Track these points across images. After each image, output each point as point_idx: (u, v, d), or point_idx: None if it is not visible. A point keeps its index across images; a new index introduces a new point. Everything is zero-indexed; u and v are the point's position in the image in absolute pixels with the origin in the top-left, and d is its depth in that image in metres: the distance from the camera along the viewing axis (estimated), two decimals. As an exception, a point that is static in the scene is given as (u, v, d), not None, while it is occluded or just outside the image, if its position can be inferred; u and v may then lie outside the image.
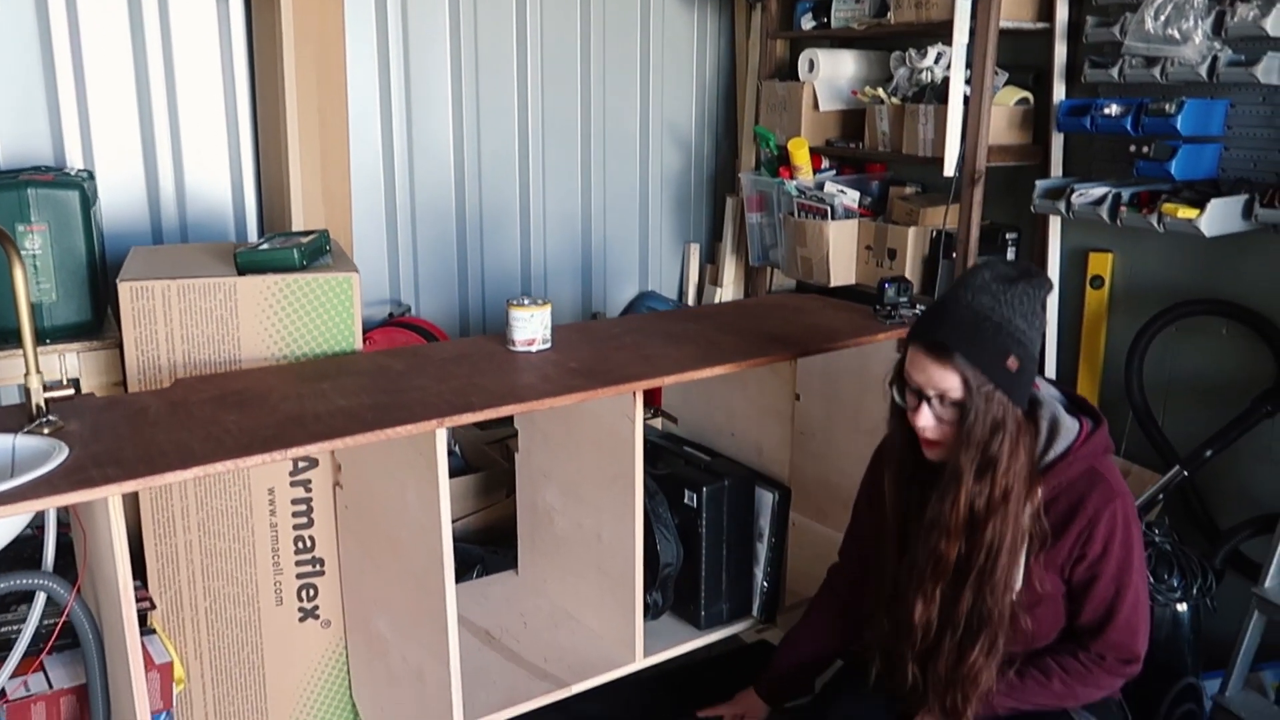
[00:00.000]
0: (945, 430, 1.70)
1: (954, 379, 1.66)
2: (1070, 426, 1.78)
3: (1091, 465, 1.76)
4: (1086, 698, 1.84)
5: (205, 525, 2.17)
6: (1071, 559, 1.76)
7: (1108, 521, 1.74)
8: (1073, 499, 1.75)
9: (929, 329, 1.71)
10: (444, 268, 3.61)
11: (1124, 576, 1.76)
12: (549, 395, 1.88)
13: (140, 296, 2.04)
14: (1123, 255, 2.80)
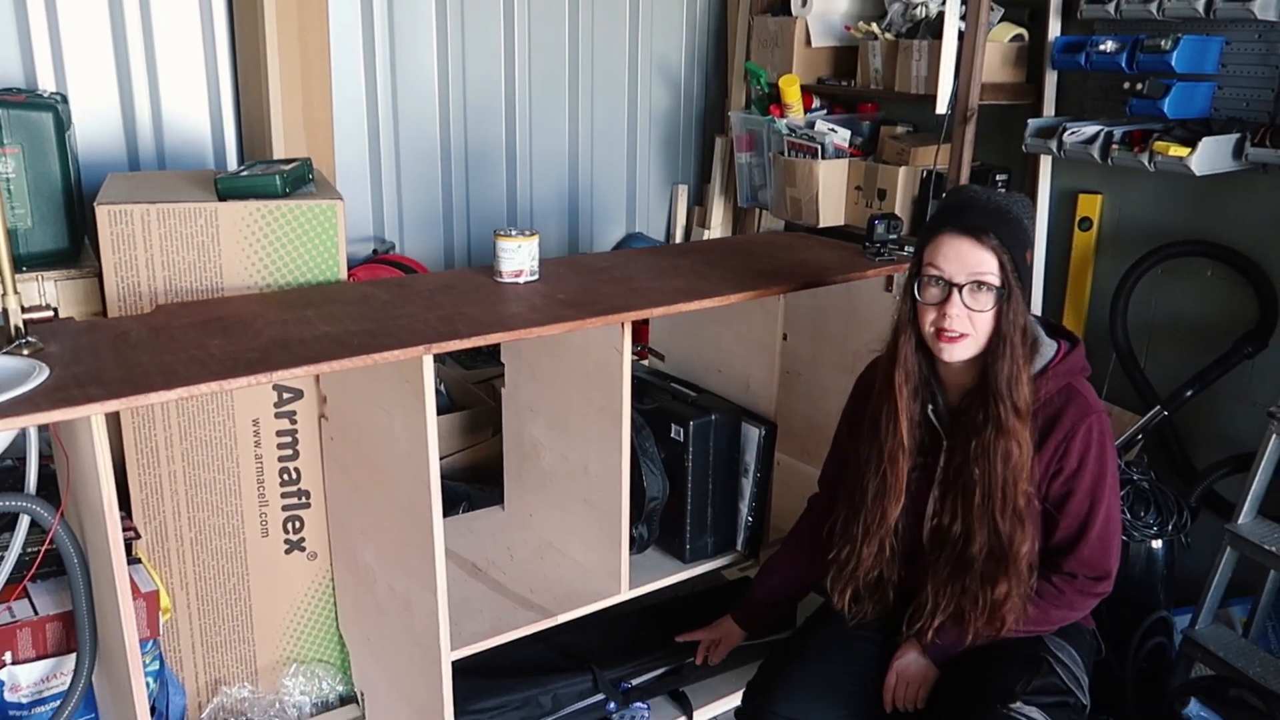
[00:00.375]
0: (973, 321, 1.71)
1: (993, 261, 1.68)
2: (1049, 344, 1.83)
3: (1069, 382, 1.80)
4: (1060, 620, 1.86)
5: (189, 456, 2.16)
6: (1048, 474, 1.79)
7: (1084, 436, 1.76)
8: (1050, 414, 1.78)
9: (961, 216, 1.73)
10: (429, 206, 3.56)
11: (1098, 492, 1.78)
12: (537, 324, 1.86)
13: (119, 221, 2.01)
14: (1112, 197, 2.80)
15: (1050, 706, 1.76)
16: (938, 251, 1.73)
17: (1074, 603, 1.85)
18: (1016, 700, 1.74)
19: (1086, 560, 1.82)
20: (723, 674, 2.50)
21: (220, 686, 2.33)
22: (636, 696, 2.38)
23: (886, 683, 1.92)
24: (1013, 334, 1.71)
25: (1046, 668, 1.81)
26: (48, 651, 1.96)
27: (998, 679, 1.80)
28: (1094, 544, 1.81)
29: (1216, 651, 2.28)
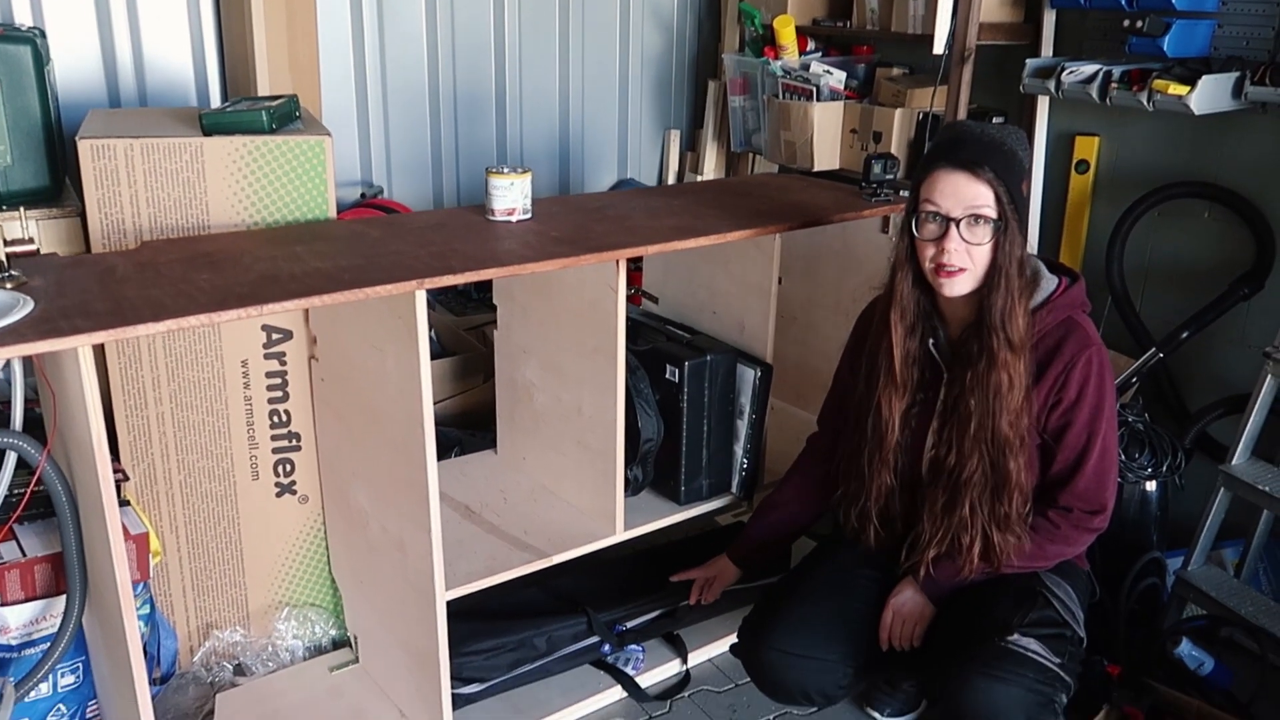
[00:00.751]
0: (971, 255, 1.71)
1: (988, 194, 1.69)
2: (1050, 279, 1.84)
3: (1069, 315, 1.81)
4: (1057, 556, 1.88)
5: (177, 398, 2.13)
6: (1047, 405, 1.79)
7: (1083, 368, 1.77)
8: (1050, 346, 1.79)
9: (956, 150, 1.72)
10: (417, 150, 3.51)
11: (1095, 424, 1.79)
12: (531, 261, 1.83)
13: (101, 155, 1.96)
14: (1109, 139, 2.77)
15: (1047, 638, 1.77)
16: (934, 187, 1.73)
17: (1070, 537, 1.86)
18: (1014, 632, 1.75)
19: (1082, 493, 1.83)
20: (717, 616, 2.51)
21: (212, 630, 2.31)
22: (631, 639, 2.38)
23: (883, 620, 1.92)
24: (1009, 266, 1.72)
25: (1043, 601, 1.82)
26: (37, 593, 1.93)
27: (994, 613, 1.81)
28: (1090, 477, 1.81)
29: (1209, 592, 2.29)
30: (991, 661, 1.74)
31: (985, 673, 1.73)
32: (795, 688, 1.95)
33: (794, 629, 1.92)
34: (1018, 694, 1.72)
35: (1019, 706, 1.73)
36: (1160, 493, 2.42)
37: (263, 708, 2.17)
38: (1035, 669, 1.73)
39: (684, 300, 2.48)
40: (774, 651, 1.92)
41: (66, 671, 2.01)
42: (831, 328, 2.70)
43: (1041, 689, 1.74)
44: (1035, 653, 1.74)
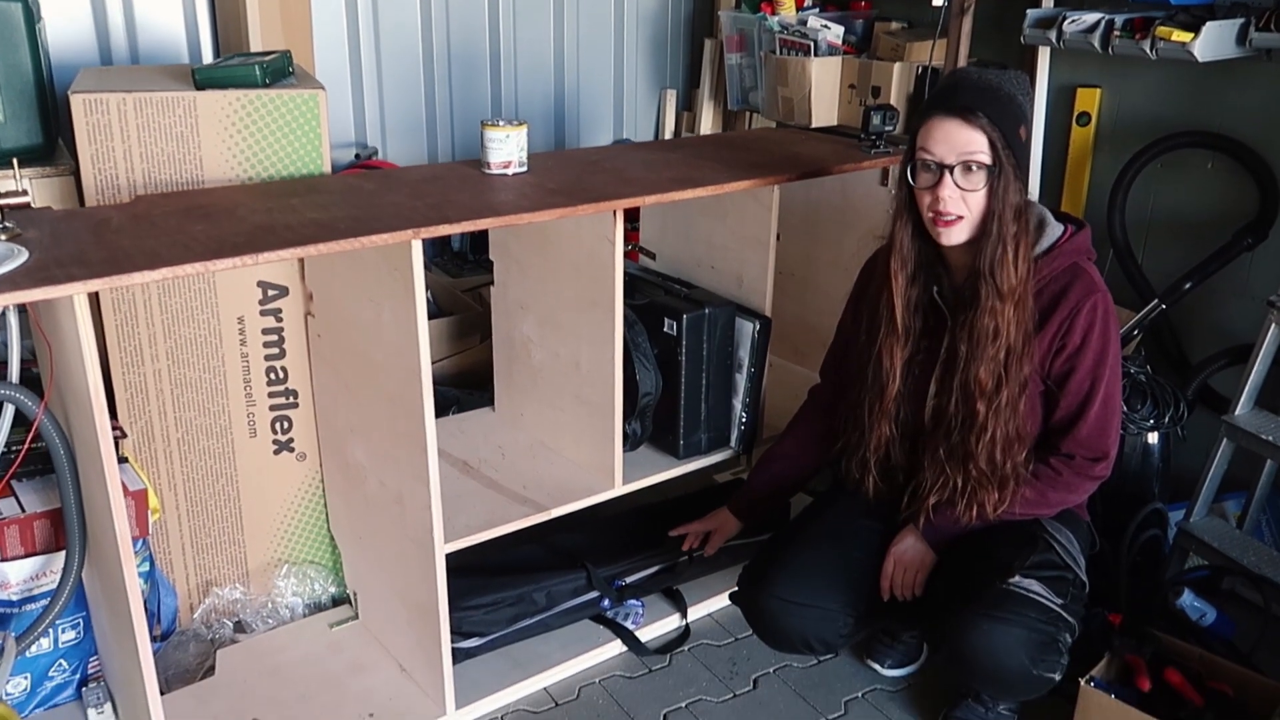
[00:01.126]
0: (967, 202, 1.71)
1: (982, 140, 1.68)
2: (1055, 226, 1.83)
3: (1075, 262, 1.79)
4: (1059, 503, 1.88)
5: (174, 354, 2.12)
6: (1051, 351, 1.79)
7: (1088, 314, 1.76)
8: (1055, 291, 1.78)
9: (950, 97, 1.72)
10: (412, 110, 3.48)
11: (1099, 370, 1.78)
12: (527, 211, 1.82)
13: (94, 110, 1.94)
14: (1111, 91, 2.74)
15: (1048, 579, 1.78)
16: (929, 135, 1.73)
17: (1071, 484, 1.86)
18: (1015, 574, 1.75)
19: (1084, 440, 1.82)
20: (716, 572, 2.51)
21: (212, 588, 2.32)
22: (630, 594, 2.38)
23: (884, 568, 1.93)
24: (1004, 211, 1.71)
25: (1043, 545, 1.83)
26: (36, 549, 1.94)
27: (995, 558, 1.81)
28: (1093, 424, 1.81)
29: (1211, 543, 2.29)
30: (993, 603, 1.74)
31: (987, 614, 1.73)
32: (795, 636, 1.95)
33: (794, 577, 1.92)
34: (1020, 634, 1.73)
35: (1021, 646, 1.73)
36: (1162, 444, 2.41)
37: (263, 663, 2.18)
38: (1037, 609, 1.74)
39: (681, 256, 2.47)
40: (774, 600, 1.92)
41: (67, 627, 2.02)
42: (831, 283, 2.68)
43: (1044, 628, 1.74)
44: (1037, 593, 1.74)
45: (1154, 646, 1.99)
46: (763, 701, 2.15)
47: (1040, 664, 1.75)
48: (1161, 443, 2.41)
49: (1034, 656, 1.74)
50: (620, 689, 2.18)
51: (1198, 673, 1.94)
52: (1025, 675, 1.76)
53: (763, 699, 2.15)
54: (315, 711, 2.04)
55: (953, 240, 1.76)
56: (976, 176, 1.70)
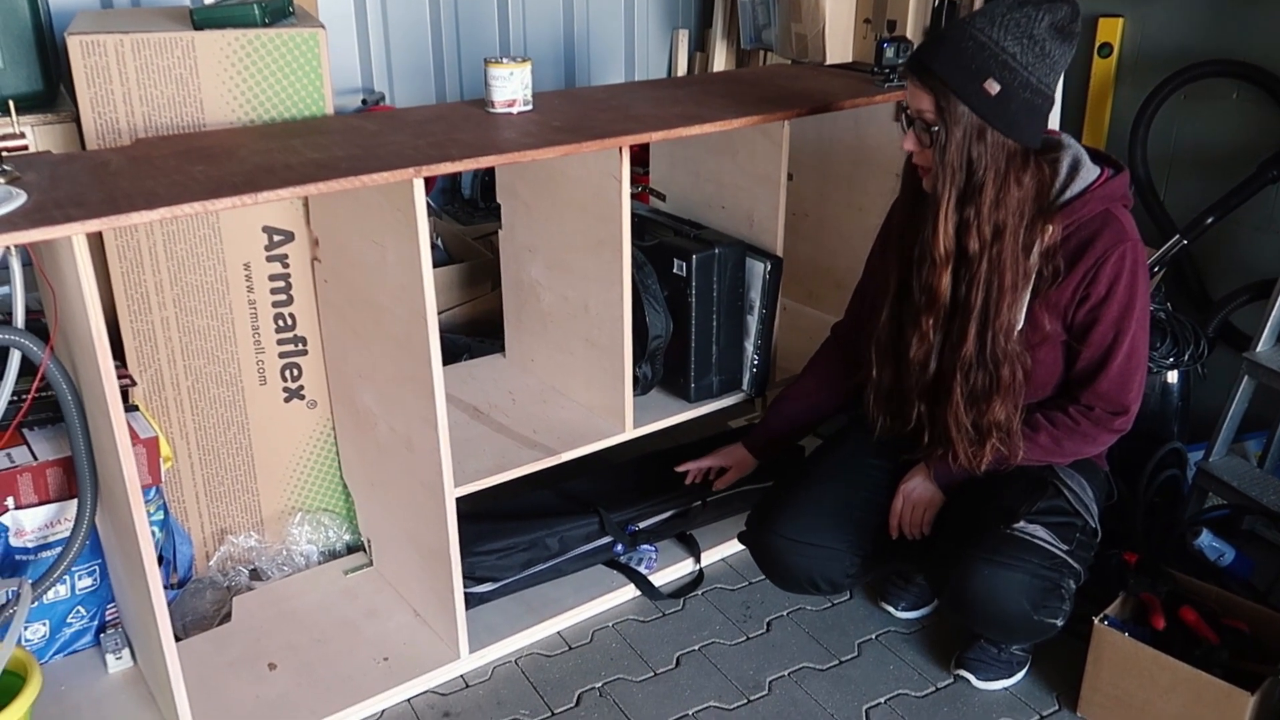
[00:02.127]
0: (927, 155, 1.69)
1: (927, 99, 1.65)
2: (1091, 169, 1.76)
3: (1107, 208, 1.73)
4: (1074, 453, 1.84)
5: (181, 302, 2.11)
6: (1075, 300, 1.74)
7: (1115, 263, 1.71)
8: (1083, 237, 1.73)
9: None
10: (419, 56, 3.43)
11: (1124, 323, 1.74)
12: (531, 148, 1.78)
13: (92, 52, 1.91)
14: (1133, 20, 2.66)
15: (1055, 525, 1.75)
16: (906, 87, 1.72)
17: (1089, 435, 1.82)
18: (1020, 519, 1.73)
19: (1104, 394, 1.78)
20: (730, 517, 2.50)
21: (226, 536, 2.33)
22: (644, 539, 2.38)
23: (893, 506, 1.91)
24: (942, 171, 1.65)
25: (1053, 490, 1.79)
26: (50, 497, 1.94)
27: (1001, 502, 1.79)
28: (1114, 377, 1.76)
29: (1231, 482, 2.26)
30: (996, 548, 1.72)
31: (988, 559, 1.72)
32: (801, 575, 1.95)
33: (799, 516, 1.91)
34: (1021, 579, 1.71)
35: (1021, 591, 1.72)
36: (1182, 383, 2.37)
37: (278, 609, 2.19)
38: (1040, 554, 1.71)
39: (691, 196, 2.43)
40: (780, 539, 1.91)
41: (84, 574, 2.03)
42: (845, 222, 2.64)
43: (1046, 574, 1.72)
44: (1041, 539, 1.72)
45: (1169, 585, 1.96)
46: (776, 644, 2.14)
47: (1042, 609, 1.74)
48: (1181, 381, 2.37)
49: (1035, 602, 1.73)
50: (633, 632, 2.18)
51: (1213, 611, 1.92)
52: (1026, 620, 1.75)
53: (776, 641, 2.15)
54: (330, 656, 2.06)
55: (928, 188, 1.73)
56: (925, 135, 1.68)
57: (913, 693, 2.01)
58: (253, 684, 1.98)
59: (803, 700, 1.99)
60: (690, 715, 1.96)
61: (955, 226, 1.68)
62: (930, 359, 1.80)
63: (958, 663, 2.05)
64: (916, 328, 1.78)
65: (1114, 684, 1.85)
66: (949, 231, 1.68)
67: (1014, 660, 2.02)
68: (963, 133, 1.62)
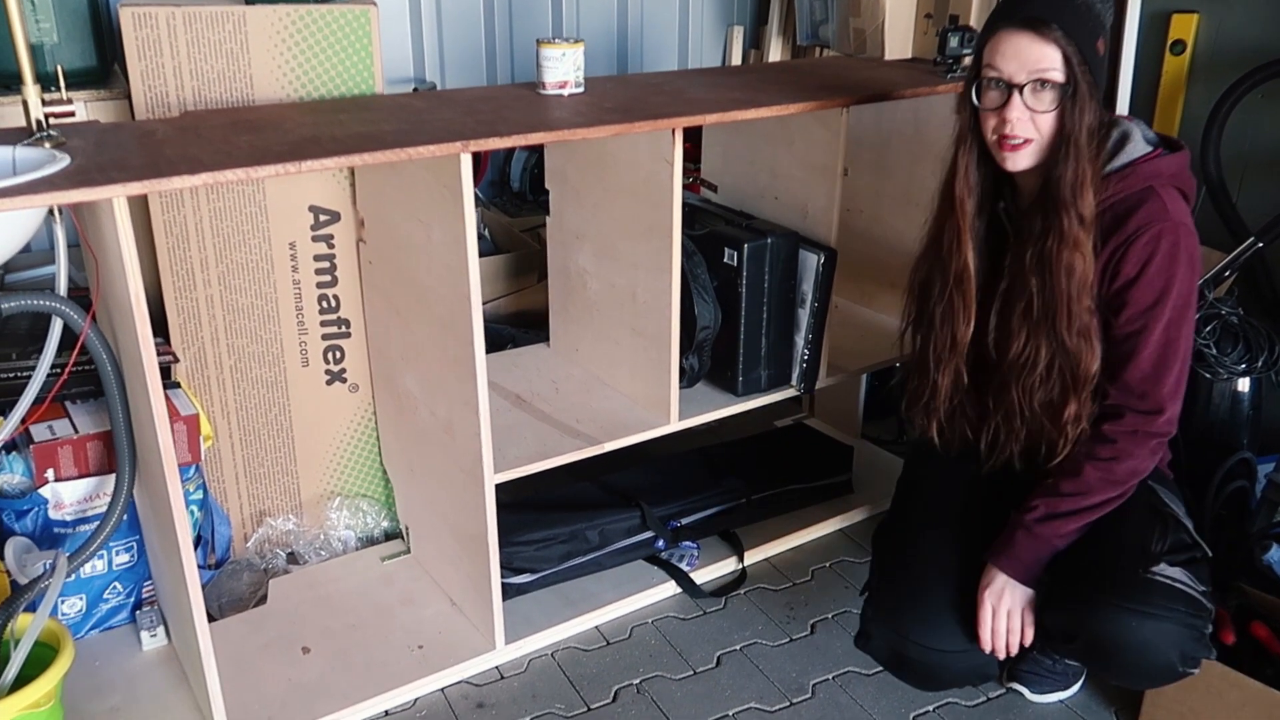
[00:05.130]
0: (1037, 124, 1.57)
1: (1055, 55, 1.53)
2: (1141, 145, 1.64)
3: (1152, 185, 1.61)
4: (1128, 476, 1.68)
5: (225, 280, 2.09)
6: (1103, 279, 1.62)
7: (1147, 243, 1.58)
8: (1118, 214, 1.61)
9: (1019, 6, 1.56)
10: (471, 47, 3.40)
11: (1157, 309, 1.59)
12: (581, 127, 1.74)
13: (144, 25, 1.90)
14: (1209, 15, 2.56)
15: (1187, 564, 1.60)
16: (996, 50, 1.57)
17: (1132, 451, 1.66)
18: (1159, 561, 1.58)
19: (1133, 387, 1.63)
20: (775, 517, 2.45)
21: (265, 518, 2.31)
22: (686, 536, 2.32)
23: (980, 619, 1.72)
24: (1078, 133, 1.55)
25: (1173, 523, 1.65)
26: (89, 470, 1.93)
27: (1123, 538, 1.63)
28: (1144, 367, 1.62)
29: (1302, 494, 2.15)
30: (1139, 596, 1.56)
31: (1134, 609, 1.56)
32: (950, 680, 1.82)
33: (936, 620, 1.74)
34: (1171, 629, 1.56)
35: (1172, 643, 1.56)
36: (1254, 391, 2.27)
37: (314, 593, 2.16)
38: (1186, 601, 1.56)
39: (744, 186, 2.37)
40: (919, 648, 1.73)
41: (121, 550, 2.02)
42: (901, 219, 2.57)
43: (1193, 622, 1.57)
44: (1183, 583, 1.57)
45: (1239, 599, 1.87)
46: (819, 647, 2.08)
47: (1187, 660, 1.59)
48: (1253, 389, 2.26)
49: (1184, 653, 1.58)
50: (673, 630, 2.13)
51: (1287, 628, 1.82)
52: (1171, 672, 1.61)
53: (820, 644, 2.08)
54: (365, 641, 2.02)
55: (1019, 165, 1.61)
56: (1048, 96, 1.55)
57: (963, 702, 1.93)
58: (286, 667, 1.95)
59: (847, 705, 1.92)
60: (730, 716, 1.90)
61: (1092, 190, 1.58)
62: (1010, 350, 1.69)
63: (1010, 674, 1.96)
64: (1019, 323, 1.67)
65: (1179, 700, 1.76)
66: (1088, 197, 1.57)
67: (1069, 672, 1.93)
68: (1088, 91, 1.54)
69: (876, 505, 2.50)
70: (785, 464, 2.50)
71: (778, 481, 2.45)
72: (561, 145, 2.19)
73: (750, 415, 2.28)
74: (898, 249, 2.61)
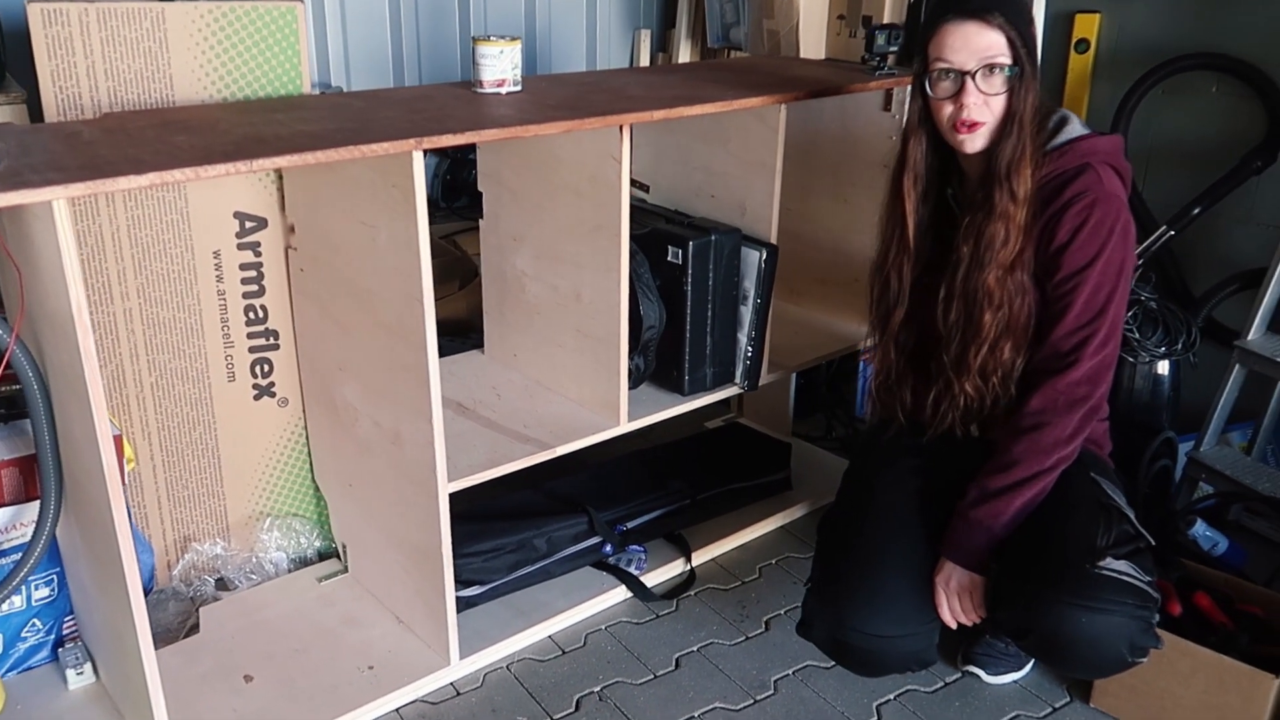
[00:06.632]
0: (990, 106, 1.63)
1: (1001, 41, 1.60)
2: (1078, 127, 1.73)
3: (1088, 161, 1.68)
4: (1053, 443, 1.69)
5: (145, 292, 1.98)
6: (1042, 245, 1.68)
7: (1079, 211, 1.65)
8: (1057, 185, 1.68)
9: (963, 1, 1.62)
10: (377, 49, 3.32)
11: (1086, 272, 1.65)
12: (534, 123, 1.70)
13: (54, 21, 1.78)
14: (1110, 15, 2.68)
15: (1132, 555, 1.63)
16: (943, 42, 1.63)
17: (1053, 420, 1.69)
18: (1105, 556, 1.60)
19: (1058, 345, 1.68)
20: (718, 516, 2.45)
21: (190, 543, 2.19)
22: (633, 539, 2.30)
23: (937, 602, 1.76)
24: (1023, 112, 1.63)
25: (1116, 514, 1.68)
26: (5, 500, 1.79)
27: (1068, 531, 1.66)
28: (1069, 325, 1.66)
29: (1224, 471, 2.26)
30: (1086, 592, 1.58)
31: (1082, 605, 1.57)
32: (892, 665, 1.82)
33: (878, 607, 1.74)
34: (1119, 623, 1.58)
35: (1120, 636, 1.59)
36: (1173, 372, 2.37)
37: (249, 619, 2.06)
38: (1133, 594, 1.59)
39: (677, 185, 2.36)
40: (861, 635, 1.74)
41: (41, 584, 1.88)
42: (829, 216, 2.61)
43: (1142, 614, 1.60)
44: (1129, 575, 1.59)
45: (1180, 572, 1.94)
46: (777, 643, 2.08)
47: (1136, 651, 1.63)
48: (1172, 371, 2.37)
49: (1133, 644, 1.61)
50: (629, 635, 2.09)
51: (1226, 596, 1.90)
52: (1121, 663, 1.64)
53: (776, 640, 2.08)
54: (310, 665, 1.93)
55: (975, 147, 1.67)
56: (999, 79, 1.62)
57: (923, 688, 1.96)
58: (229, 697, 1.85)
59: (810, 699, 1.93)
60: (697, 717, 1.88)
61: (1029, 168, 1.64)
62: (949, 324, 1.74)
63: (965, 658, 2.00)
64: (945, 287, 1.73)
65: (1130, 672, 1.81)
66: (1024, 174, 1.63)
67: (1021, 654, 1.98)
68: (1031, 74, 1.62)
69: (816, 500, 2.52)
70: (726, 463, 2.50)
71: (720, 481, 2.44)
72: (496, 146, 2.14)
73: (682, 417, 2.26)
74: (826, 246, 2.65)
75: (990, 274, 1.67)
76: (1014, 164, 1.64)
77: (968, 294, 1.71)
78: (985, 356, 1.72)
